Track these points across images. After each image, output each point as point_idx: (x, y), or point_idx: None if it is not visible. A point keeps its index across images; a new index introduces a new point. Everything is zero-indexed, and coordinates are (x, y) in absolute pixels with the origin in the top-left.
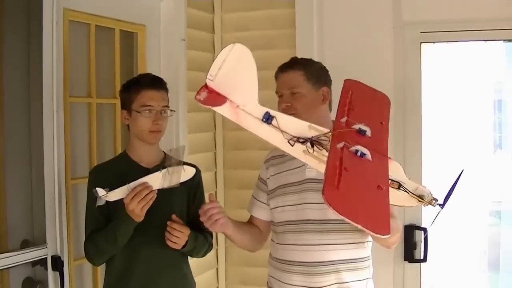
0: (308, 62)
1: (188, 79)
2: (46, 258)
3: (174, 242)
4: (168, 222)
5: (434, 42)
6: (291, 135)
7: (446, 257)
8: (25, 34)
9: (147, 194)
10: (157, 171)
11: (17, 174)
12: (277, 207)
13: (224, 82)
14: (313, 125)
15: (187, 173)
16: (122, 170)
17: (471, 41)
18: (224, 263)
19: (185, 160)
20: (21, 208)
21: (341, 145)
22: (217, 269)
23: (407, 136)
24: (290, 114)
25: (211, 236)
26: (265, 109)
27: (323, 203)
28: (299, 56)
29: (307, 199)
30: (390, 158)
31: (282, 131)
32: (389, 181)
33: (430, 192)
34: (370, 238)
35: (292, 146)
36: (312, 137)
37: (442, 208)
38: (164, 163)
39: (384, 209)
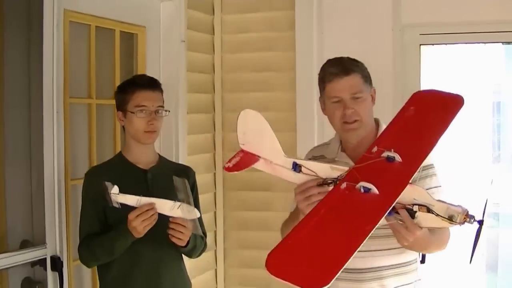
0: (358, 62)
1: (188, 81)
2: (46, 258)
3: (179, 238)
4: (170, 219)
5: (433, 44)
6: (321, 178)
7: (444, 259)
8: (26, 35)
9: (152, 214)
10: (155, 174)
11: (17, 174)
12: None
13: (253, 143)
14: (334, 165)
15: (195, 214)
16: (119, 171)
17: (470, 43)
18: (223, 264)
19: (184, 163)
20: (20, 209)
21: (344, 185)
22: (215, 270)
23: None
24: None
25: (205, 236)
26: (292, 160)
27: None
28: (300, 59)
29: None
30: (411, 183)
31: (312, 176)
32: (416, 206)
33: (463, 211)
34: None
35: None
36: (338, 176)
37: (480, 224)
38: (176, 194)
39: (341, 257)
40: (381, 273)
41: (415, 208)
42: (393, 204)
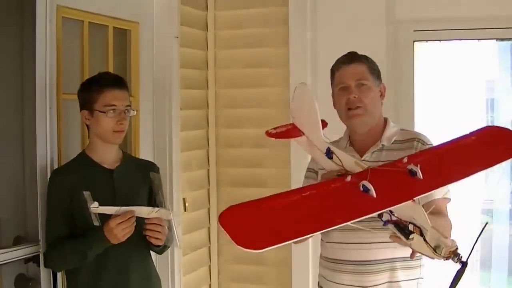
0: (366, 57)
1: (181, 77)
2: (39, 255)
3: (158, 238)
4: (146, 221)
5: (427, 41)
6: (345, 169)
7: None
8: (18, 31)
9: (133, 222)
10: (121, 173)
11: (10, 170)
12: None
13: (302, 119)
14: (358, 161)
15: (171, 215)
16: (84, 172)
17: (464, 40)
18: (217, 260)
19: (177, 159)
20: (13, 205)
21: (348, 178)
22: (209, 266)
23: None
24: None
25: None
26: (327, 145)
27: None
28: (293, 55)
29: None
30: (415, 201)
31: (341, 166)
32: (412, 225)
33: (452, 246)
34: None
35: None
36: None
37: (463, 266)
38: (153, 196)
39: (290, 234)
40: (394, 265)
41: (411, 227)
42: (383, 211)
